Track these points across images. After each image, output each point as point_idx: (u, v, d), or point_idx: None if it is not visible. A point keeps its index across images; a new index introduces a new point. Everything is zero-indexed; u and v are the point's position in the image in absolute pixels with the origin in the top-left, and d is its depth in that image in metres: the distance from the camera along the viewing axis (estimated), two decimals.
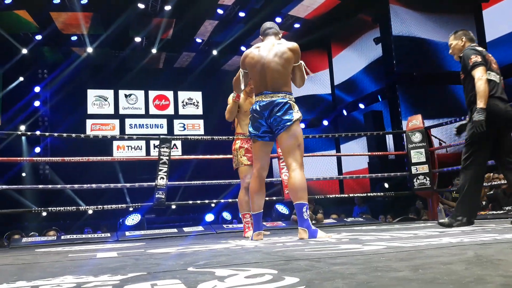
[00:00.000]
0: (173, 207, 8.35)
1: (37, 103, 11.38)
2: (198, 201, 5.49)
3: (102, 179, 5.37)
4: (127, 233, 5.16)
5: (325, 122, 11.99)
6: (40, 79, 11.58)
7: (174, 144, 11.47)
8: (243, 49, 11.26)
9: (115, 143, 11.89)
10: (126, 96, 12.49)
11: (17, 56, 10.42)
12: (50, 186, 6.23)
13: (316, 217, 5.91)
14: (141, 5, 9.52)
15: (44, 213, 7.60)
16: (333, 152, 11.42)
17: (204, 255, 2.23)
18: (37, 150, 11.09)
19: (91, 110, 12.17)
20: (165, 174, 4.98)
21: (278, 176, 5.54)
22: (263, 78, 3.15)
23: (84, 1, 9.17)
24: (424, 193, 5.62)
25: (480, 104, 3.24)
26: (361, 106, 10.88)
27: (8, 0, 8.77)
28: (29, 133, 6.89)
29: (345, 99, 11.56)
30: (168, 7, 9.60)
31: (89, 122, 12.05)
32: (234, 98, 3.89)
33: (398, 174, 6.13)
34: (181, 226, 5.58)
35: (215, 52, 11.78)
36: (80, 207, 5.35)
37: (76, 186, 5.18)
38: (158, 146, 5.10)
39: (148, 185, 5.11)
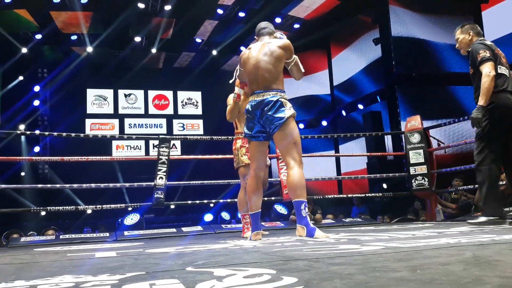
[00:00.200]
0: (172, 207, 8.33)
1: (36, 102, 11.38)
2: (197, 201, 5.49)
3: (101, 178, 5.37)
4: (126, 232, 5.15)
5: (324, 123, 12.00)
6: (40, 78, 11.58)
7: (173, 144, 11.47)
8: (243, 49, 11.23)
9: (114, 143, 11.89)
10: (125, 95, 12.49)
11: (16, 55, 10.42)
12: (49, 185, 6.22)
13: (315, 217, 5.92)
14: (141, 5, 9.53)
15: (43, 213, 7.60)
16: (332, 152, 11.44)
17: (202, 255, 2.23)
18: (37, 149, 11.09)
19: (90, 109, 12.17)
20: (164, 174, 4.98)
21: (277, 177, 5.54)
22: (255, 77, 3.18)
23: (84, 1, 9.18)
24: (423, 193, 5.62)
25: (481, 101, 3.21)
26: (360, 106, 10.89)
27: None
28: (28, 132, 6.88)
29: (344, 99, 11.57)
30: (168, 7, 9.60)
31: (88, 122, 12.05)
32: (234, 98, 3.87)
33: (397, 175, 6.13)
34: (180, 226, 5.58)
35: (214, 52, 11.78)
36: (79, 207, 5.35)
37: (75, 185, 5.18)
38: (157, 146, 5.10)
39: (147, 185, 5.11)
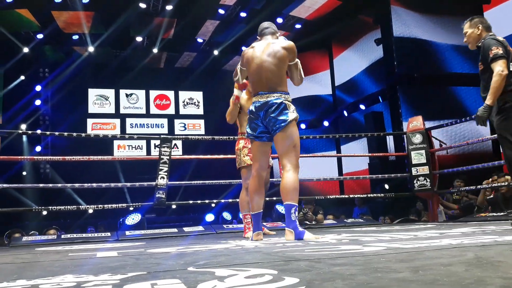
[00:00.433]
0: (174, 207, 8.34)
1: (38, 102, 11.38)
2: (199, 201, 5.49)
3: (103, 178, 5.37)
4: (127, 232, 5.16)
5: (326, 123, 11.99)
6: (41, 78, 11.58)
7: (175, 144, 11.47)
8: (244, 49, 11.23)
9: (116, 143, 11.89)
10: (127, 95, 12.49)
11: (18, 55, 10.43)
12: (50, 185, 6.23)
13: (316, 218, 5.92)
14: (142, 5, 9.52)
15: (44, 212, 7.61)
16: (334, 152, 11.42)
17: (204, 255, 2.23)
18: (38, 149, 11.09)
19: (92, 109, 12.17)
20: (166, 173, 4.98)
21: (279, 177, 5.54)
22: (259, 78, 3.16)
23: (86, 0, 9.17)
24: (425, 194, 5.62)
25: (489, 100, 3.11)
26: (362, 107, 10.88)
27: None
28: (30, 132, 6.90)
29: (346, 100, 11.56)
30: (169, 7, 9.60)
31: (90, 121, 12.05)
32: (233, 100, 3.88)
33: (399, 175, 6.13)
34: (181, 226, 5.58)
35: (216, 52, 11.78)
36: (80, 206, 5.35)
37: (77, 185, 5.19)
38: (159, 146, 5.10)
39: (149, 184, 5.11)
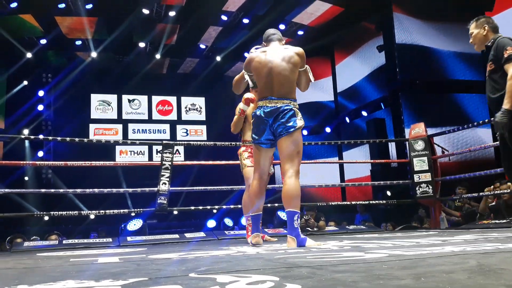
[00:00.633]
0: (175, 212, 8.34)
1: (40, 107, 11.41)
2: (200, 207, 5.49)
3: (105, 183, 5.37)
4: (128, 238, 5.15)
5: (328, 129, 11.99)
6: (44, 83, 11.62)
7: (177, 150, 11.48)
8: (247, 55, 11.25)
9: (118, 148, 11.90)
10: (129, 101, 12.52)
11: (21, 60, 10.48)
12: (52, 190, 6.24)
13: (318, 224, 5.90)
14: (145, 11, 9.57)
15: (46, 218, 7.62)
16: (336, 159, 11.41)
17: (205, 261, 2.23)
18: (40, 154, 11.11)
19: (94, 114, 12.20)
20: (168, 179, 4.98)
21: (281, 183, 5.53)
22: (269, 82, 3.12)
23: (89, 6, 9.23)
24: (427, 201, 5.60)
25: (507, 104, 2.98)
26: (364, 113, 10.88)
27: (14, 4, 8.83)
28: (32, 137, 6.92)
29: (348, 106, 11.57)
30: (172, 13, 9.64)
31: (92, 127, 12.07)
32: (239, 113, 3.90)
33: (401, 182, 6.12)
34: (182, 231, 5.57)
35: (218, 58, 11.81)
36: (82, 212, 5.35)
37: (79, 190, 5.18)
38: (161, 152, 5.11)
39: (150, 190, 5.11)
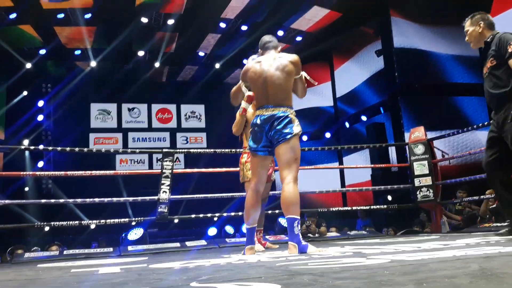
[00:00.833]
0: (176, 221, 8.30)
1: (40, 117, 11.42)
2: (201, 215, 5.47)
3: (105, 193, 5.37)
4: (129, 247, 5.14)
5: (328, 134, 12.00)
6: (44, 93, 11.64)
7: (177, 158, 11.47)
8: (246, 62, 11.28)
9: (118, 157, 11.90)
10: (129, 109, 12.54)
11: (21, 70, 10.50)
12: (52, 200, 6.23)
13: (319, 230, 5.88)
14: (144, 19, 9.60)
15: (46, 228, 7.59)
16: (336, 164, 11.40)
17: (207, 270, 2.22)
18: (40, 164, 11.10)
19: (94, 124, 12.21)
20: (168, 187, 4.97)
21: (281, 189, 5.52)
22: (265, 91, 3.16)
23: (88, 16, 9.26)
24: (428, 205, 5.59)
25: None
26: (364, 118, 10.89)
27: (13, 15, 8.86)
28: (32, 147, 6.91)
29: (348, 111, 11.58)
30: (171, 21, 9.68)
31: (92, 136, 12.08)
32: (240, 112, 3.89)
33: (401, 187, 6.11)
34: (183, 240, 5.56)
35: (217, 66, 11.84)
36: (82, 222, 5.34)
37: (79, 200, 5.18)
38: (161, 160, 5.10)
39: (151, 199, 5.10)
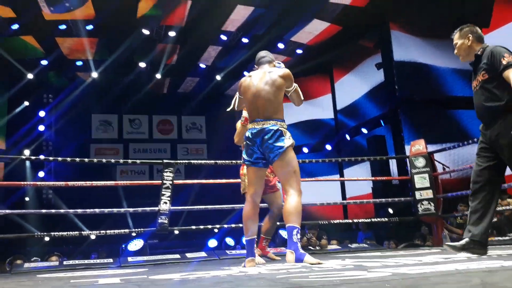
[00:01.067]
0: (176, 232, 8.29)
1: (41, 128, 11.45)
2: (201, 226, 5.46)
3: (105, 203, 5.36)
4: (129, 258, 5.12)
5: (328, 147, 12.00)
6: (45, 103, 11.68)
7: (178, 169, 11.47)
8: (246, 74, 11.33)
9: (119, 168, 11.90)
10: (130, 120, 12.57)
11: (22, 81, 10.54)
12: (53, 210, 6.21)
13: (320, 243, 5.86)
14: (146, 31, 9.66)
15: (46, 238, 7.57)
16: (337, 176, 11.38)
17: (207, 281, 2.21)
18: (41, 174, 11.10)
19: (95, 134, 12.23)
20: (168, 198, 4.97)
21: (282, 201, 5.52)
22: (255, 106, 3.24)
23: (90, 27, 9.32)
24: (429, 218, 5.57)
25: None
26: (364, 130, 10.90)
27: (15, 26, 8.92)
28: (33, 157, 6.93)
29: (348, 123, 11.60)
30: (172, 33, 9.73)
31: (93, 147, 12.09)
32: (242, 122, 3.93)
33: (402, 199, 6.10)
34: (184, 251, 5.53)
35: (218, 77, 11.89)
36: (82, 232, 5.32)
37: (79, 210, 5.17)
38: (162, 171, 5.10)
39: (151, 210, 5.10)
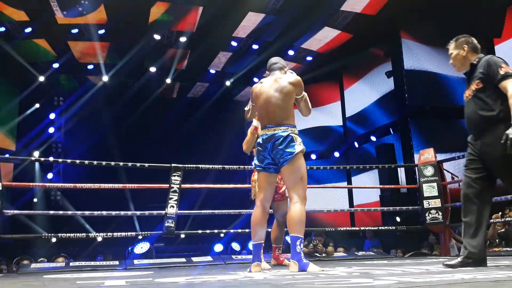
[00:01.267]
0: (182, 236, 8.30)
1: (51, 130, 11.54)
2: (207, 231, 5.46)
3: (113, 206, 5.39)
4: (135, 261, 5.13)
5: (337, 154, 11.97)
6: (56, 106, 11.78)
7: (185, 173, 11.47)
8: (256, 80, 11.39)
9: (126, 171, 11.93)
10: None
11: (34, 83, 10.65)
12: (61, 212, 6.26)
13: (327, 250, 5.84)
14: (157, 36, 9.74)
15: (53, 239, 7.62)
16: (344, 184, 11.35)
17: (212, 286, 2.21)
18: (50, 176, 11.18)
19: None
20: (175, 202, 4.98)
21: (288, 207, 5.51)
22: (266, 112, 3.27)
23: (101, 31, 9.40)
24: (436, 228, 5.53)
25: None
26: (373, 138, 10.87)
27: (28, 30, 9.04)
28: (42, 159, 6.98)
29: (357, 131, 11.56)
30: (183, 39, 9.80)
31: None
32: (251, 130, 3.94)
33: (410, 208, 6.06)
34: (190, 255, 5.54)
35: (228, 83, 11.92)
36: (89, 234, 5.35)
37: (87, 212, 5.20)
38: (169, 175, 5.12)
39: (158, 213, 5.11)
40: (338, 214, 10.77)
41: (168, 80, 11.47)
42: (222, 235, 9.19)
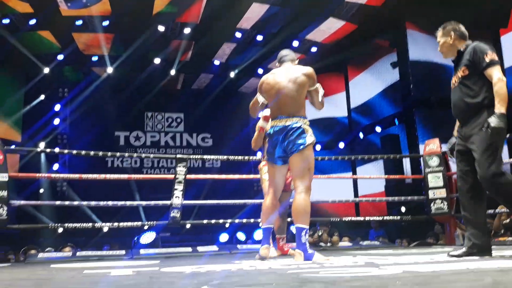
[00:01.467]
0: (188, 226, 8.34)
1: (56, 121, 11.58)
2: (213, 221, 5.49)
3: (118, 196, 5.42)
4: (141, 251, 5.18)
5: (341, 145, 11.95)
6: (61, 97, 11.80)
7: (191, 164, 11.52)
8: (260, 71, 11.35)
9: (133, 160, 11.97)
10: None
11: (39, 75, 10.67)
12: (67, 202, 6.31)
13: (332, 240, 5.86)
14: (161, 28, 9.71)
15: (60, 229, 7.68)
16: (349, 174, 11.34)
17: (218, 275, 2.23)
18: (55, 167, 11.23)
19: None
20: (181, 193, 5.01)
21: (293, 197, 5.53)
22: (278, 103, 3.25)
23: (106, 23, 9.39)
24: (442, 218, 5.54)
25: (502, 108, 2.79)
26: (378, 129, 10.84)
27: (33, 21, 9.03)
28: (48, 150, 7.02)
29: (362, 122, 11.54)
30: (187, 30, 9.77)
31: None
32: (258, 130, 3.95)
33: (415, 198, 6.06)
34: (195, 245, 5.58)
35: (232, 75, 11.90)
36: (95, 224, 5.38)
37: (93, 203, 5.23)
38: (175, 165, 5.14)
39: (164, 203, 5.14)
40: (343, 204, 10.77)
41: (173, 72, 11.46)
42: (227, 225, 9.22)
